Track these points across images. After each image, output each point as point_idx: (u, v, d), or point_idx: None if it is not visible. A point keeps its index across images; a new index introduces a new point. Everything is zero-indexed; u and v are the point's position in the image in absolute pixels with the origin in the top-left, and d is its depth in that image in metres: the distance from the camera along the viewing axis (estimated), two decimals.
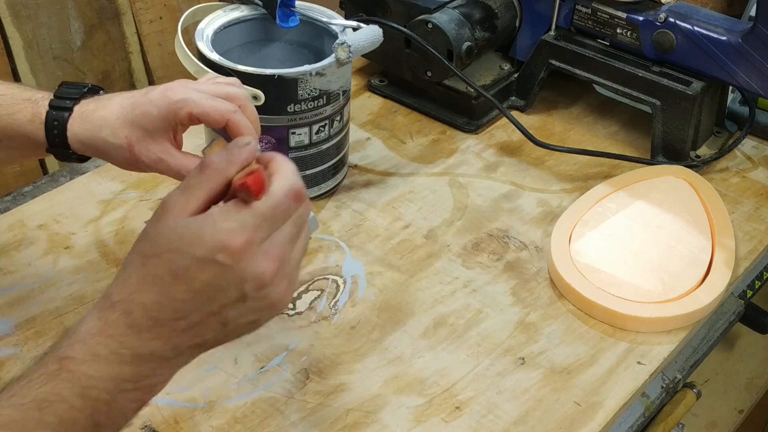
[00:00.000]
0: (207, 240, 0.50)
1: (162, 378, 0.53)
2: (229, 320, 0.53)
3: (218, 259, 0.50)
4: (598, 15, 1.04)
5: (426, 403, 0.75)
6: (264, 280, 0.52)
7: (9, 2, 1.18)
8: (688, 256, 0.88)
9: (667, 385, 0.81)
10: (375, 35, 0.90)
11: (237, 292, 0.51)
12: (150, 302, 0.51)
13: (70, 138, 0.70)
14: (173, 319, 0.51)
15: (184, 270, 0.50)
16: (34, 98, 0.72)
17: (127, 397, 0.51)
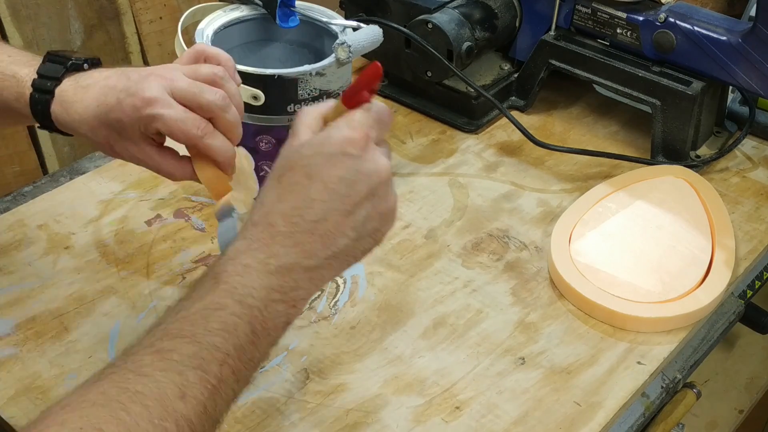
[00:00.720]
0: (335, 138, 0.56)
1: (304, 292, 0.56)
2: (358, 224, 0.56)
3: (348, 151, 0.55)
4: (598, 15, 1.04)
5: (426, 403, 0.75)
6: (385, 173, 0.57)
7: (9, 2, 1.18)
8: (688, 256, 0.88)
9: (667, 385, 0.81)
10: (375, 35, 0.90)
11: (366, 186, 0.56)
12: (290, 208, 0.55)
13: (55, 122, 0.70)
14: (312, 221, 0.55)
15: (318, 168, 0.55)
16: (20, 75, 0.71)
17: (277, 309, 0.55)
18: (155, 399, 0.49)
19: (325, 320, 0.82)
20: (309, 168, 0.56)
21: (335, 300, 0.84)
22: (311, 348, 0.79)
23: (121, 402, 0.48)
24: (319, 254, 0.56)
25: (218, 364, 0.52)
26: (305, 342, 0.79)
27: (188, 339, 0.51)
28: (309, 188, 0.55)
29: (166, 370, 0.50)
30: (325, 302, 0.84)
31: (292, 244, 0.55)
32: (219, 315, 0.53)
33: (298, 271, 0.55)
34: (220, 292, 0.53)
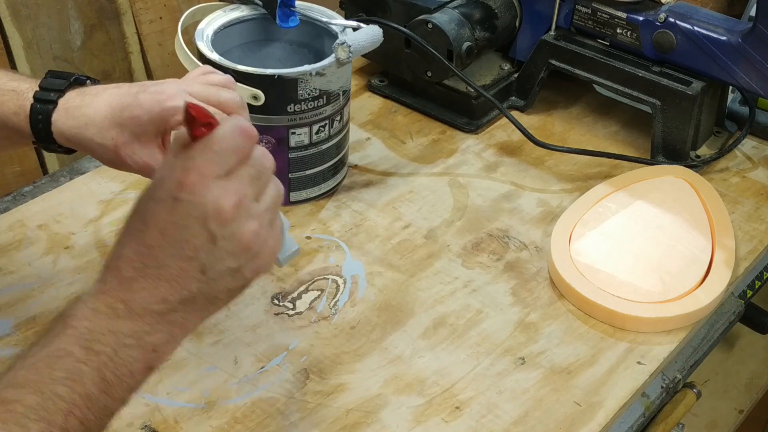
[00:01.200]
0: (166, 181, 0.53)
1: (162, 336, 0.54)
2: (207, 266, 0.54)
3: (177, 196, 0.52)
4: (598, 15, 1.04)
5: (426, 403, 0.75)
6: (224, 214, 0.53)
7: (9, 2, 1.18)
8: (688, 256, 0.88)
9: (667, 385, 0.81)
10: (375, 35, 0.90)
11: (203, 231, 0.53)
12: (131, 253, 0.53)
13: (55, 132, 0.69)
14: (154, 268, 0.53)
15: (151, 214, 0.53)
16: (20, 89, 0.71)
17: (131, 354, 0.52)
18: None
19: (325, 320, 0.82)
20: (144, 214, 0.54)
21: (335, 300, 0.84)
22: (311, 348, 0.79)
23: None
24: (170, 299, 0.53)
25: (63, 415, 0.49)
26: (305, 342, 0.79)
27: (32, 389, 0.49)
28: (145, 234, 0.53)
29: (7, 422, 0.47)
30: (325, 302, 0.84)
31: (140, 289, 0.53)
32: (64, 362, 0.50)
33: (151, 316, 0.53)
34: (66, 338, 0.51)
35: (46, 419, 0.48)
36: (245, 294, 0.83)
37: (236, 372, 0.76)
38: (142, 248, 0.53)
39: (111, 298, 0.53)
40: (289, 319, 0.82)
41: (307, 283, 0.86)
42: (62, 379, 0.49)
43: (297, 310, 0.83)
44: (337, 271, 0.87)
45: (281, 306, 0.83)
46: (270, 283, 0.85)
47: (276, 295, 0.84)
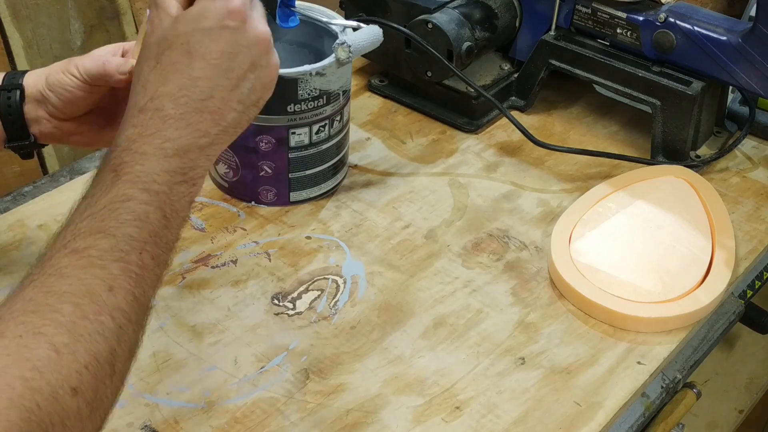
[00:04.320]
0: (213, 11, 0.56)
1: (201, 170, 0.57)
2: (243, 96, 0.58)
3: (227, 24, 0.56)
4: (598, 15, 1.04)
5: (426, 403, 0.75)
6: (267, 41, 0.58)
7: (9, 2, 1.18)
8: (688, 256, 0.88)
9: (667, 385, 0.81)
10: (375, 35, 0.90)
11: (248, 58, 0.57)
12: (175, 89, 0.55)
13: (28, 96, 0.73)
14: (200, 100, 0.56)
15: (198, 45, 0.55)
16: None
17: (180, 190, 0.56)
18: (84, 296, 0.49)
19: (325, 320, 0.82)
20: (188, 45, 0.55)
21: (335, 300, 0.84)
22: (311, 348, 0.79)
23: (50, 305, 0.48)
24: (211, 131, 0.56)
25: (138, 253, 0.52)
26: (305, 342, 0.79)
27: (102, 234, 0.51)
28: (191, 66, 0.55)
29: (87, 267, 0.50)
30: (325, 302, 0.84)
31: (185, 126, 0.55)
32: (128, 206, 0.53)
33: (194, 151, 0.56)
34: (123, 184, 0.53)
35: (123, 259, 0.51)
36: (245, 294, 0.84)
37: (236, 372, 0.76)
38: (186, 81, 0.55)
39: (157, 139, 0.54)
40: (289, 319, 0.82)
41: (307, 283, 0.86)
42: (130, 221, 0.52)
43: (297, 310, 0.83)
44: (337, 271, 0.87)
45: (281, 306, 0.83)
46: (270, 283, 0.85)
47: (276, 295, 0.84)
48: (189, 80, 0.55)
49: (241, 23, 0.56)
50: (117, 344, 0.50)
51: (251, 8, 0.57)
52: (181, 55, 0.55)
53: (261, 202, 0.95)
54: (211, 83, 0.56)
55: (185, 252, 0.88)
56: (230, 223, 0.92)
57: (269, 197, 0.94)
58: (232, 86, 0.57)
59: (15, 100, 0.72)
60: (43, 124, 0.74)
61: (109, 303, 0.50)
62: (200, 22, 0.55)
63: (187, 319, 0.81)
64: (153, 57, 0.56)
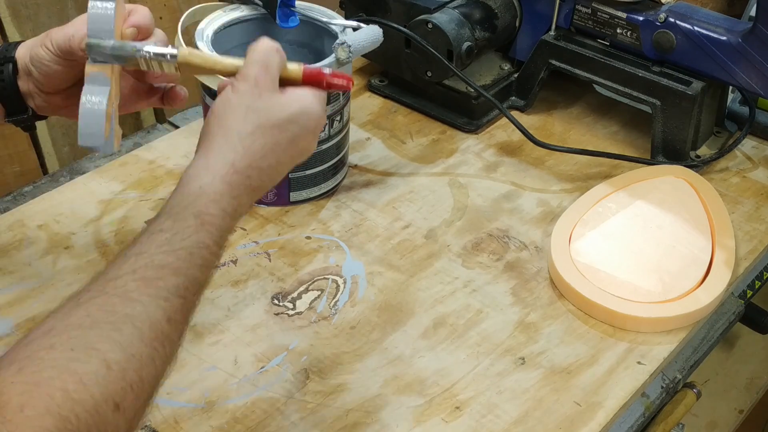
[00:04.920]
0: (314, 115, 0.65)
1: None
2: (288, 168, 0.66)
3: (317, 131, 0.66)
4: (598, 15, 1.04)
5: (426, 403, 0.75)
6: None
7: (9, 2, 1.18)
8: (688, 256, 0.88)
9: (667, 385, 0.81)
10: (375, 35, 0.90)
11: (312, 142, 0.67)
12: (266, 167, 0.63)
13: (24, 64, 0.72)
14: (272, 181, 0.64)
15: (298, 138, 0.64)
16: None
17: (224, 246, 0.62)
18: (145, 321, 0.52)
19: (325, 320, 0.82)
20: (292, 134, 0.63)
21: (335, 300, 0.84)
22: (311, 348, 0.79)
23: (111, 323, 0.51)
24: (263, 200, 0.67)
25: (194, 294, 0.57)
26: (305, 342, 0.79)
27: (174, 271, 0.56)
28: (286, 151, 0.63)
29: (153, 297, 0.54)
30: (325, 302, 0.84)
31: (254, 197, 0.63)
32: (203, 253, 0.58)
33: (242, 216, 0.64)
34: (205, 233, 0.58)
35: (185, 296, 0.56)
36: (245, 294, 0.84)
37: (236, 372, 0.76)
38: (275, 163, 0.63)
39: (236, 202, 0.61)
40: (289, 319, 0.82)
41: (307, 283, 0.86)
42: (199, 266, 0.57)
43: (297, 310, 0.83)
44: (337, 271, 0.87)
45: (281, 306, 0.83)
46: (270, 283, 0.85)
47: (276, 295, 0.84)
48: (277, 162, 0.63)
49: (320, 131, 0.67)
50: (162, 370, 0.54)
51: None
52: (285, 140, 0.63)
53: (261, 202, 0.95)
54: (285, 169, 0.65)
55: None
56: None
57: (269, 197, 0.94)
58: (291, 163, 0.65)
59: (8, 74, 0.72)
60: (35, 97, 0.73)
61: (165, 332, 0.54)
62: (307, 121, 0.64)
63: None
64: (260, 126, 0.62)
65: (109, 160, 1.00)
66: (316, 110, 0.65)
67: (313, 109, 0.64)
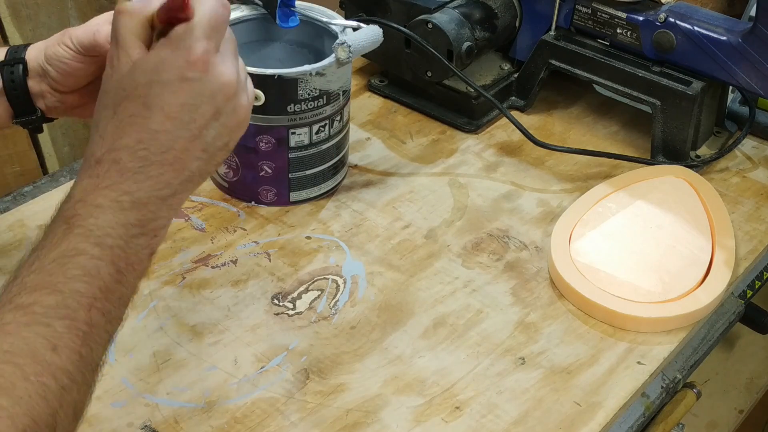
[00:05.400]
0: (171, 62, 0.52)
1: (164, 221, 0.55)
2: (208, 144, 0.55)
3: (187, 75, 0.53)
4: (598, 15, 1.04)
5: (426, 403, 0.75)
6: (232, 87, 0.55)
7: (9, 2, 1.18)
8: (688, 256, 0.88)
9: (667, 385, 0.81)
10: (375, 35, 0.90)
11: (211, 107, 0.54)
12: (133, 142, 0.53)
13: (30, 66, 0.71)
14: (159, 153, 0.53)
15: (157, 98, 0.53)
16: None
17: (138, 243, 0.53)
18: (25, 356, 0.47)
19: (325, 320, 0.82)
20: (146, 98, 0.53)
21: (335, 300, 0.84)
22: (311, 348, 0.79)
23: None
24: (173, 182, 0.54)
25: (86, 310, 0.50)
26: (305, 342, 0.79)
27: (48, 290, 0.49)
28: (150, 119, 0.53)
29: (30, 324, 0.48)
30: (325, 302, 0.84)
31: (144, 179, 0.53)
32: (78, 261, 0.50)
33: (155, 203, 0.54)
34: (75, 237, 0.51)
35: (70, 315, 0.49)
36: (245, 294, 0.84)
37: (236, 372, 0.76)
38: (145, 135, 0.53)
39: (113, 192, 0.52)
40: (289, 319, 0.82)
41: (307, 283, 0.86)
42: (79, 276, 0.50)
43: (297, 310, 0.83)
44: (337, 271, 0.87)
45: (281, 306, 0.83)
46: (270, 283, 0.85)
47: (276, 295, 0.84)
48: (148, 134, 0.53)
49: (202, 73, 0.53)
50: (59, 406, 0.47)
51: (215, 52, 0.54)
52: (138, 107, 0.53)
53: (261, 202, 0.95)
54: (171, 136, 0.53)
55: (185, 252, 0.88)
56: (230, 223, 0.92)
57: (269, 197, 0.94)
58: (194, 137, 0.54)
59: (18, 75, 0.71)
60: (47, 98, 0.73)
61: (53, 363, 0.47)
62: (159, 73, 0.53)
63: (187, 319, 0.81)
64: (111, 106, 0.54)
65: None
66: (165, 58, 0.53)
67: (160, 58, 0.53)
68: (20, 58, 0.72)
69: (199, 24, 0.53)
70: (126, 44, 0.54)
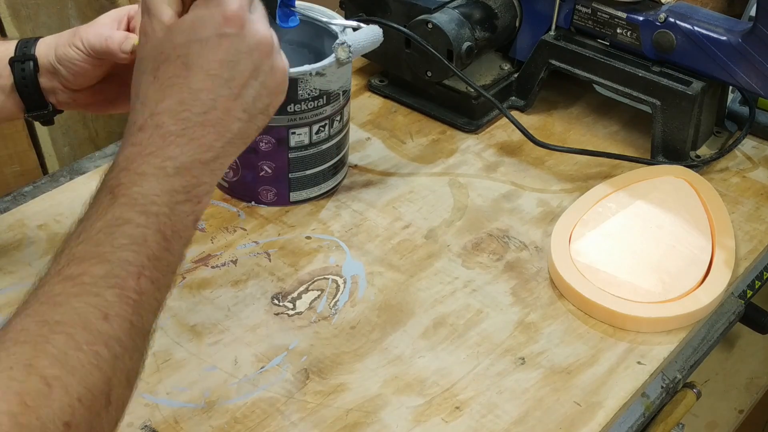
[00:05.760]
0: (207, 20, 0.53)
1: (207, 186, 0.55)
2: (248, 104, 0.55)
3: (224, 31, 0.53)
4: (598, 15, 1.04)
5: (426, 403, 0.75)
6: (268, 44, 0.55)
7: (9, 2, 1.18)
8: (688, 256, 0.88)
9: (667, 385, 0.81)
10: (375, 35, 0.90)
11: (250, 64, 0.54)
12: (174, 104, 0.53)
13: (44, 57, 0.73)
14: (201, 113, 0.53)
15: (196, 56, 0.53)
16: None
17: (183, 210, 0.53)
18: (77, 325, 0.47)
19: (325, 320, 0.82)
20: (186, 57, 0.53)
21: (335, 300, 0.84)
22: (311, 348, 0.79)
23: (42, 335, 0.46)
24: (215, 144, 0.54)
25: (135, 278, 0.50)
26: (305, 342, 0.79)
27: (96, 260, 0.49)
28: (190, 79, 0.53)
29: (80, 295, 0.48)
30: (325, 302, 0.84)
31: (186, 142, 0.53)
32: (124, 230, 0.50)
33: (198, 167, 0.53)
34: (120, 206, 0.51)
35: (119, 284, 0.49)
36: (245, 294, 0.84)
37: (236, 372, 0.76)
38: (186, 95, 0.53)
39: (157, 158, 0.52)
40: (289, 319, 0.82)
41: (307, 283, 0.86)
42: (127, 245, 0.50)
43: (297, 310, 0.83)
44: (337, 271, 0.87)
45: (281, 306, 0.83)
46: (270, 283, 0.85)
47: (276, 295, 0.84)
48: (189, 94, 0.53)
49: (239, 29, 0.54)
50: (113, 374, 0.48)
51: (250, 11, 0.55)
52: (178, 68, 0.53)
53: (261, 202, 0.95)
54: (212, 95, 0.53)
55: None
56: (230, 223, 0.92)
57: (269, 197, 0.94)
58: (235, 95, 0.54)
59: (29, 71, 0.72)
60: (59, 94, 0.74)
61: (104, 332, 0.48)
62: (196, 31, 0.53)
63: (187, 319, 0.81)
64: (150, 71, 0.54)
65: (108, 160, 1.00)
66: (202, 16, 0.53)
67: (197, 17, 0.54)
68: (31, 54, 0.72)
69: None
70: (158, 12, 0.55)
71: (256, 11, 0.56)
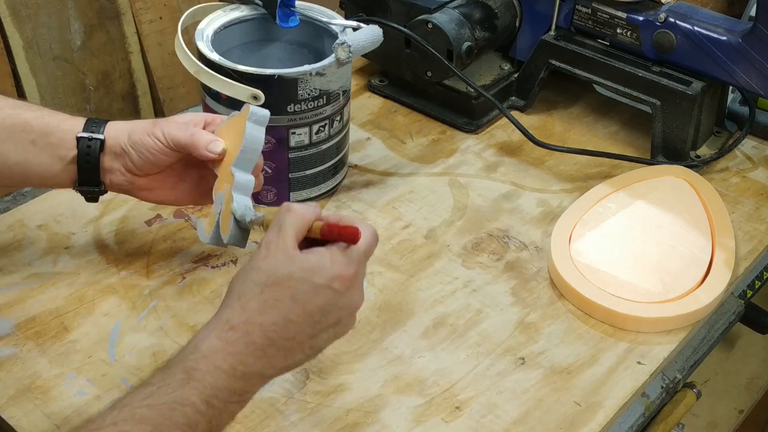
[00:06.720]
0: (327, 271, 0.61)
1: (253, 394, 0.62)
2: (317, 344, 0.63)
3: (334, 286, 0.61)
4: (598, 15, 1.04)
5: (426, 403, 0.75)
6: (355, 309, 0.64)
7: (9, 2, 1.18)
8: (688, 256, 0.88)
9: (667, 385, 0.81)
10: (375, 35, 0.90)
11: (336, 317, 0.62)
12: (269, 323, 0.60)
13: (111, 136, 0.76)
14: (284, 339, 0.61)
15: (303, 294, 0.61)
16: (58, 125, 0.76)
17: (231, 409, 0.60)
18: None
19: None
20: (295, 291, 0.60)
21: None
22: None
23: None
24: (278, 365, 0.62)
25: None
26: None
27: (151, 427, 0.55)
28: (291, 309, 0.60)
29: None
30: None
31: (261, 356, 0.60)
32: (185, 411, 0.56)
33: (258, 378, 0.61)
34: (190, 389, 0.57)
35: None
36: None
37: None
38: (279, 320, 0.60)
39: (234, 360, 0.59)
40: None
41: None
42: (181, 424, 0.56)
43: None
44: None
45: None
46: None
47: None
48: (283, 320, 0.60)
49: (345, 289, 0.62)
50: None
51: (357, 276, 0.62)
52: (286, 296, 0.60)
53: (261, 202, 0.94)
54: (298, 328, 0.61)
55: (185, 252, 0.88)
56: None
57: (269, 197, 0.94)
58: (312, 335, 0.62)
59: (95, 150, 0.75)
60: (116, 175, 0.77)
61: None
62: (314, 275, 0.60)
63: (187, 319, 0.81)
64: (260, 284, 0.61)
65: None
66: (324, 265, 0.61)
67: (320, 264, 0.61)
68: (100, 133, 0.76)
69: (357, 249, 0.62)
70: (286, 237, 0.62)
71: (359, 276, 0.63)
